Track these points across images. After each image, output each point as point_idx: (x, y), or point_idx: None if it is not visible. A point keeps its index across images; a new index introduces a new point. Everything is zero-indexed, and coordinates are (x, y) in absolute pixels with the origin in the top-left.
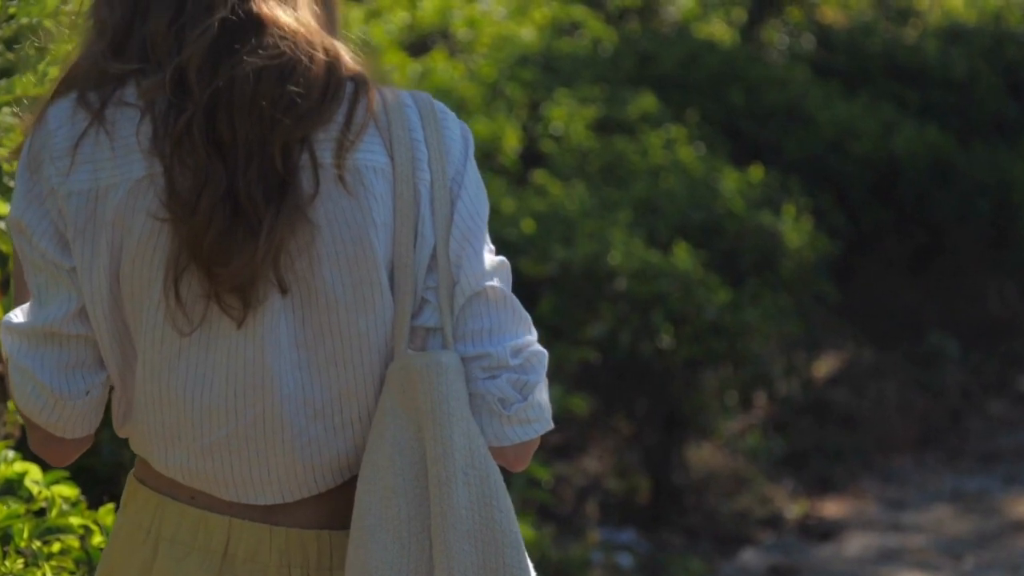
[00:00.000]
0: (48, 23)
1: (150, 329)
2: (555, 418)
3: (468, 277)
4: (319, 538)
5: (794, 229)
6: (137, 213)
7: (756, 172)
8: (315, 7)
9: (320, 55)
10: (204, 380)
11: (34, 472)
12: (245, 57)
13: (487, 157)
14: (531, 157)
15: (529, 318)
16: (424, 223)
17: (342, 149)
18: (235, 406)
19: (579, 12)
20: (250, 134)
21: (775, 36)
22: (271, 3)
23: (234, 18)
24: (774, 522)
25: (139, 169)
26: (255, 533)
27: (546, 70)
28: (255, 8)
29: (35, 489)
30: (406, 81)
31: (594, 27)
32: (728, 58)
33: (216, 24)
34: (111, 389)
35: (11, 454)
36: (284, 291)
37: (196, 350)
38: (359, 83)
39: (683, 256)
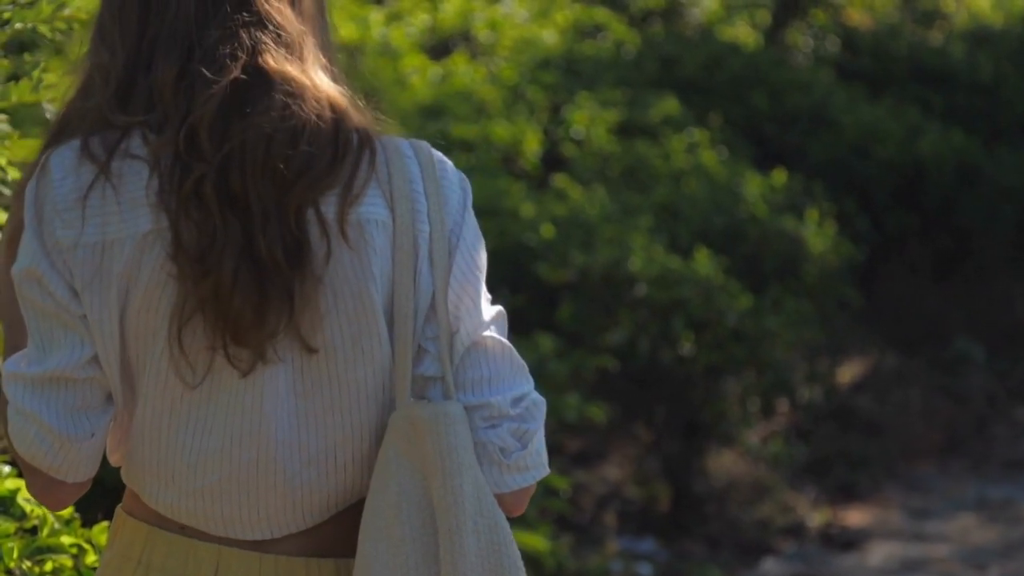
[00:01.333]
0: (44, 29)
1: (154, 376)
2: (574, 425)
3: (467, 327)
4: (308, 565)
5: (817, 234)
6: (144, 266)
7: (779, 176)
8: (319, 53)
9: (327, 112)
10: (204, 426)
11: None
12: (256, 119)
13: (507, 161)
14: (552, 161)
15: (526, 366)
16: (422, 274)
17: (345, 204)
18: (230, 452)
19: (602, 15)
20: (264, 194)
21: (799, 39)
22: (279, 56)
23: (244, 77)
24: (796, 531)
25: (146, 223)
26: (244, 561)
27: (568, 73)
28: (263, 64)
29: (28, 507)
30: (427, 84)
31: (617, 30)
32: (752, 61)
33: (226, 83)
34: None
35: (6, 469)
36: (312, 351)
37: (199, 398)
38: (363, 137)
39: (704, 261)
